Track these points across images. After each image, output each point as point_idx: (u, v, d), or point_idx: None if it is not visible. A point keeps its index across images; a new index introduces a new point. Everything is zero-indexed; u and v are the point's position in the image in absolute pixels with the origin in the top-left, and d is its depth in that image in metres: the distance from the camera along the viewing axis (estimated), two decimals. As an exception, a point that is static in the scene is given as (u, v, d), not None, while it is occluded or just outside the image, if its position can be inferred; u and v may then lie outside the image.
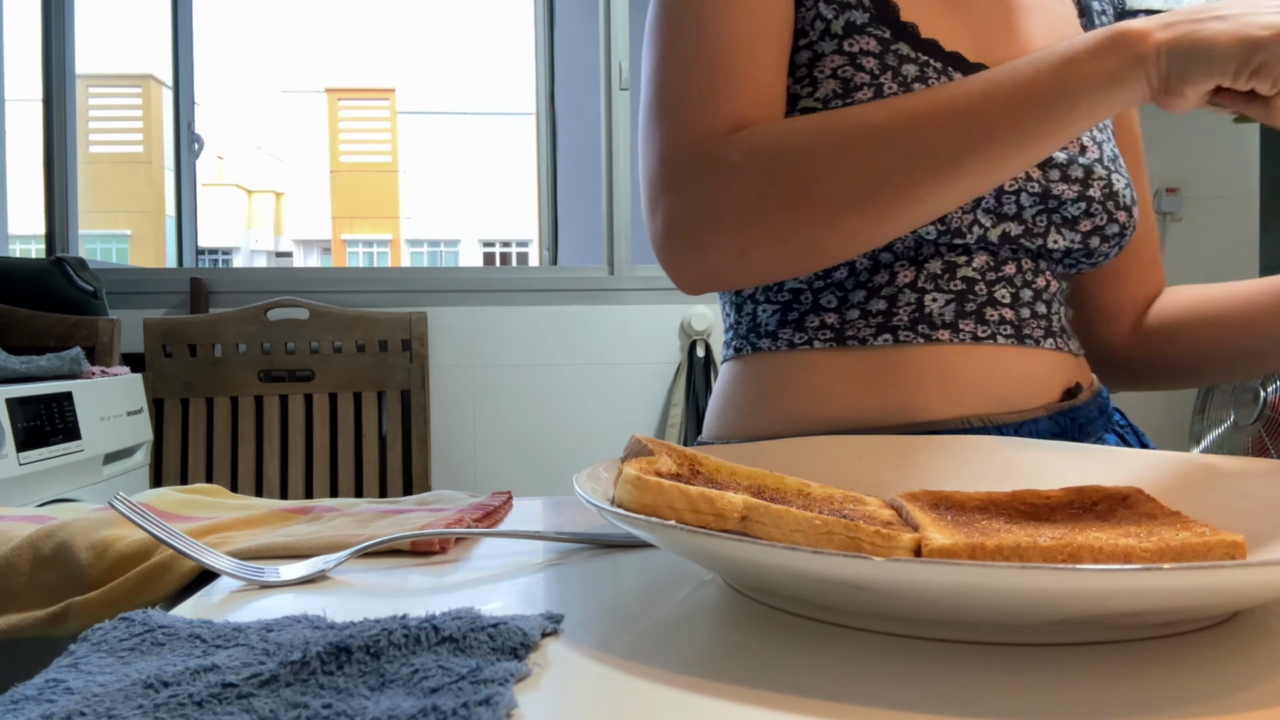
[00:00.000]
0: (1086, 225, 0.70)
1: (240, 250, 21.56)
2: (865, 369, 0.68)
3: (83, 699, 0.28)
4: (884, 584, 0.31)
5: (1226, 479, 0.48)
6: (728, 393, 0.76)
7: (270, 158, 24.22)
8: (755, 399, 0.73)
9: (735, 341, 0.76)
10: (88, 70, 14.64)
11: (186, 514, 0.60)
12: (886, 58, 0.67)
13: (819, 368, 0.70)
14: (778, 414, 0.71)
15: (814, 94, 0.68)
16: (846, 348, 0.69)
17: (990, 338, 0.68)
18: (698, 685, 0.31)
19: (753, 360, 0.74)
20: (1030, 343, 0.69)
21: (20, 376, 1.66)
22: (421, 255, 22.63)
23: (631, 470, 0.39)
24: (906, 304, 0.68)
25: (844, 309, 0.69)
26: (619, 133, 2.54)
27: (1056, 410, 0.69)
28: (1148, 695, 0.30)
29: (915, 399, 0.67)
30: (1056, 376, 0.71)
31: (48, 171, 2.43)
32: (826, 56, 0.68)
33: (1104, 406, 0.75)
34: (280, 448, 2.31)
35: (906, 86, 0.66)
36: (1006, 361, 0.68)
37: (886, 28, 0.68)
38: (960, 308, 0.68)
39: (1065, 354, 0.72)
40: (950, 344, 0.68)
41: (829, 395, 0.69)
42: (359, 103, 21.88)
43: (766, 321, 0.73)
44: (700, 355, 2.48)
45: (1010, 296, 0.69)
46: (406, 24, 35.36)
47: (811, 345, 0.70)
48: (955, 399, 0.67)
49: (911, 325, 0.68)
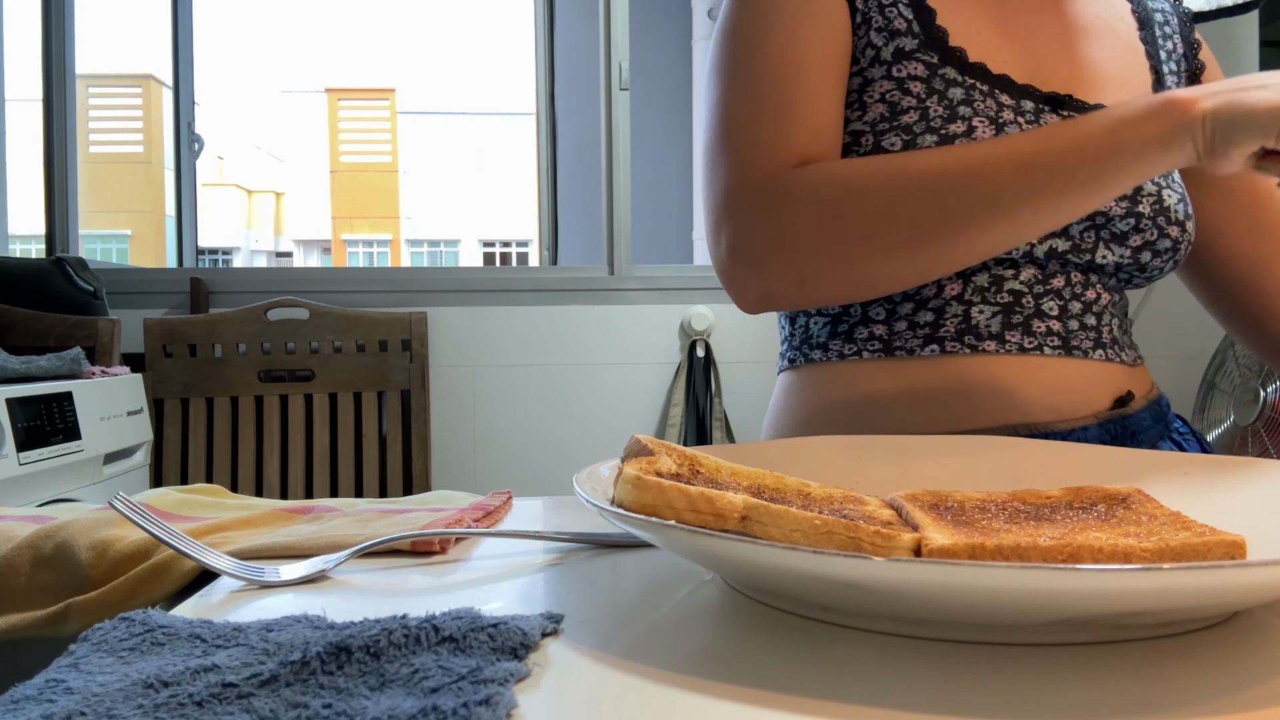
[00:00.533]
0: (1136, 241, 0.71)
1: (240, 250, 21.57)
2: (912, 379, 0.70)
3: (83, 699, 0.28)
4: (884, 584, 0.31)
5: (1226, 479, 0.48)
6: (782, 404, 0.78)
7: (270, 158, 24.22)
8: (807, 409, 0.75)
9: (789, 353, 0.78)
10: (88, 70, 14.64)
11: (186, 514, 0.60)
12: (933, 81, 0.68)
13: (867, 378, 0.72)
14: (827, 423, 0.73)
15: (863, 118, 0.70)
16: (894, 358, 0.71)
17: (1037, 349, 0.69)
18: (698, 685, 0.31)
19: (805, 371, 0.76)
20: (1079, 354, 0.70)
21: (20, 376, 1.66)
22: (421, 255, 22.64)
23: (631, 470, 0.39)
24: (953, 315, 0.70)
25: (892, 320, 0.71)
26: (619, 133, 2.54)
27: (1106, 418, 0.70)
28: (1148, 695, 0.30)
29: (960, 409, 0.69)
30: (1106, 386, 0.71)
31: (48, 171, 2.43)
32: (876, 82, 0.70)
33: (1161, 414, 0.75)
34: (280, 448, 2.31)
35: (952, 109, 0.68)
36: (1053, 371, 0.70)
37: (934, 53, 0.69)
38: (1007, 319, 0.69)
39: (1117, 364, 0.72)
40: (996, 355, 0.69)
41: (876, 405, 0.71)
42: (359, 103, 21.88)
43: (817, 333, 0.75)
44: (700, 355, 2.48)
45: (1058, 309, 0.70)
46: (406, 24, 35.35)
47: (860, 356, 0.72)
48: (1001, 407, 0.68)
49: (958, 336, 0.69)
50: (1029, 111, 0.70)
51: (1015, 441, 0.57)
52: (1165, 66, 0.79)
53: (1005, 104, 0.69)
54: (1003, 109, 0.69)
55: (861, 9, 0.71)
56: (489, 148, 22.96)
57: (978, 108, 0.68)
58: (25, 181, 2.54)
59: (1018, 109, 0.69)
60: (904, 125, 0.68)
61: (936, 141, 0.67)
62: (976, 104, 0.68)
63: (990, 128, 0.68)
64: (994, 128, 0.68)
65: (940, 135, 0.67)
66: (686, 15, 4.43)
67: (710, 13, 4.26)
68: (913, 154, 0.63)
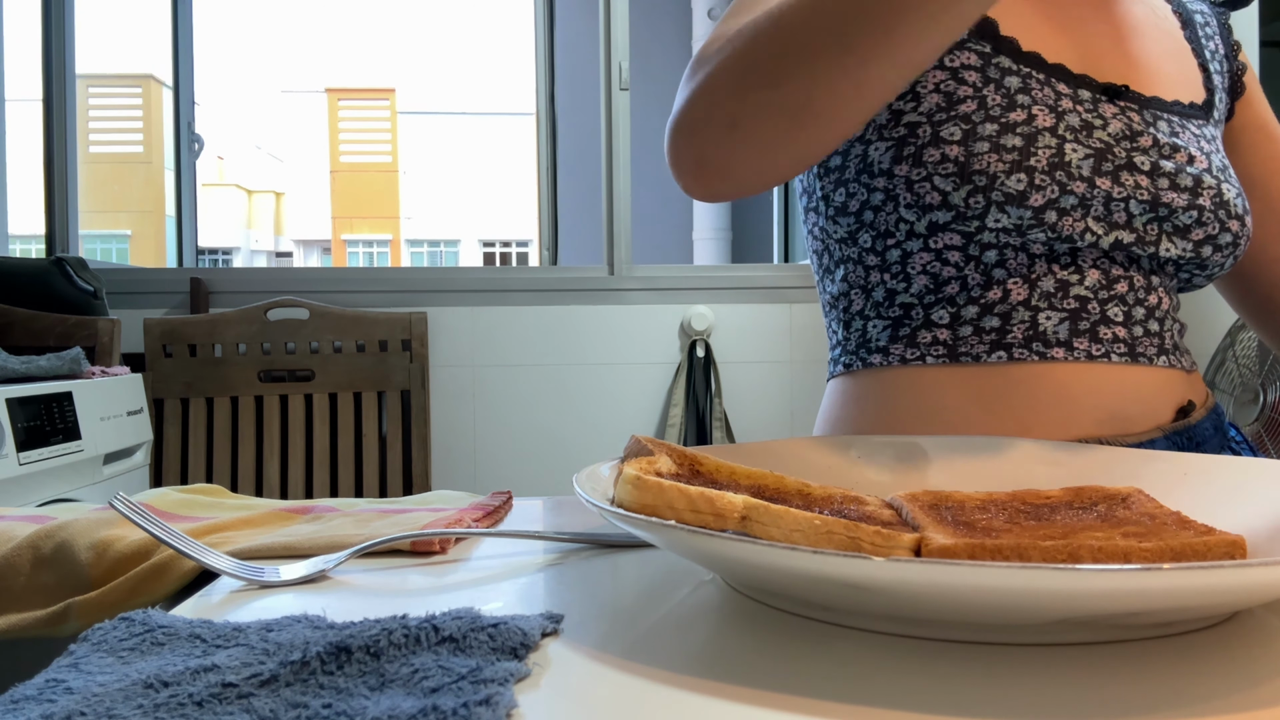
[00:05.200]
0: (1199, 234, 0.69)
1: (240, 250, 21.56)
2: (979, 386, 0.68)
3: (83, 699, 0.28)
4: (884, 584, 0.31)
5: (1226, 479, 0.48)
6: (838, 412, 0.76)
7: (270, 158, 24.21)
8: (865, 416, 0.73)
9: (844, 358, 0.76)
10: (88, 70, 14.63)
11: (186, 514, 0.60)
12: (988, 70, 0.67)
13: (931, 384, 0.70)
14: (888, 430, 0.71)
15: (917, 109, 0.68)
16: (960, 364, 0.69)
17: (1104, 356, 0.68)
18: (698, 685, 0.31)
19: (862, 376, 0.74)
20: (1144, 360, 0.69)
21: (20, 376, 1.66)
22: (421, 255, 22.63)
23: (631, 470, 0.39)
24: (1020, 321, 0.68)
25: (956, 325, 0.70)
26: (619, 133, 2.54)
27: (1172, 430, 0.69)
28: (1148, 695, 0.30)
29: (1029, 417, 0.67)
30: (1170, 394, 0.71)
31: (48, 171, 2.43)
32: (929, 72, 0.68)
33: (1219, 424, 0.74)
34: (280, 448, 2.30)
35: (1010, 98, 0.66)
36: (1120, 379, 0.68)
37: (987, 42, 0.68)
38: (1074, 326, 0.68)
39: (1178, 370, 0.72)
40: (1065, 362, 0.68)
41: (941, 412, 0.69)
42: (359, 103, 21.87)
43: (877, 337, 0.73)
44: (700, 355, 2.48)
45: (1123, 315, 0.69)
46: (406, 24, 35.36)
47: (924, 361, 0.70)
48: (1070, 417, 0.67)
49: (1026, 343, 0.68)
50: (1086, 100, 0.68)
51: (1017, 441, 0.57)
52: (1211, 65, 0.79)
53: (1063, 93, 0.68)
54: (1061, 97, 0.68)
55: None
56: (489, 148, 22.95)
57: (1036, 95, 0.67)
58: (25, 181, 2.53)
59: (1075, 98, 0.68)
60: (962, 115, 0.66)
61: (997, 131, 0.65)
62: (1034, 92, 0.67)
63: (1051, 116, 0.66)
64: (1054, 116, 0.67)
65: (1000, 124, 0.66)
66: (686, 15, 4.43)
67: (710, 13, 4.26)
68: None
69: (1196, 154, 0.70)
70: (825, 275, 0.79)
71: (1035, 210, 0.65)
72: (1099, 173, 0.66)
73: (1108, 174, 0.66)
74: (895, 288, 0.72)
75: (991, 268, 0.68)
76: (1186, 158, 0.69)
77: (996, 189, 0.65)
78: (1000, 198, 0.65)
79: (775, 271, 2.60)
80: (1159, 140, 0.68)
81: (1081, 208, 0.66)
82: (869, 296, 0.74)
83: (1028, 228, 0.66)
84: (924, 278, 0.70)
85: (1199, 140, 0.72)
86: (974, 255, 0.68)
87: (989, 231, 0.66)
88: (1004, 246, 0.67)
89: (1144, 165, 0.67)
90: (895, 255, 0.71)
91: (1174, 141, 0.69)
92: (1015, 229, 0.66)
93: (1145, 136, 0.68)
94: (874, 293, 0.73)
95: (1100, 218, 0.67)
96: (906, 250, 0.70)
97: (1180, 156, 0.69)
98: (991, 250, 0.68)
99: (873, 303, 0.73)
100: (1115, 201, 0.67)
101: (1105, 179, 0.66)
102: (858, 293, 0.75)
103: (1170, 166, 0.68)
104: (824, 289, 0.80)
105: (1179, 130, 0.71)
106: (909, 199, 0.68)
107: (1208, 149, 0.72)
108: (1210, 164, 0.71)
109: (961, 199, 0.66)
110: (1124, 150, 0.67)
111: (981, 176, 0.65)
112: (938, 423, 0.69)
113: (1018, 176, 0.65)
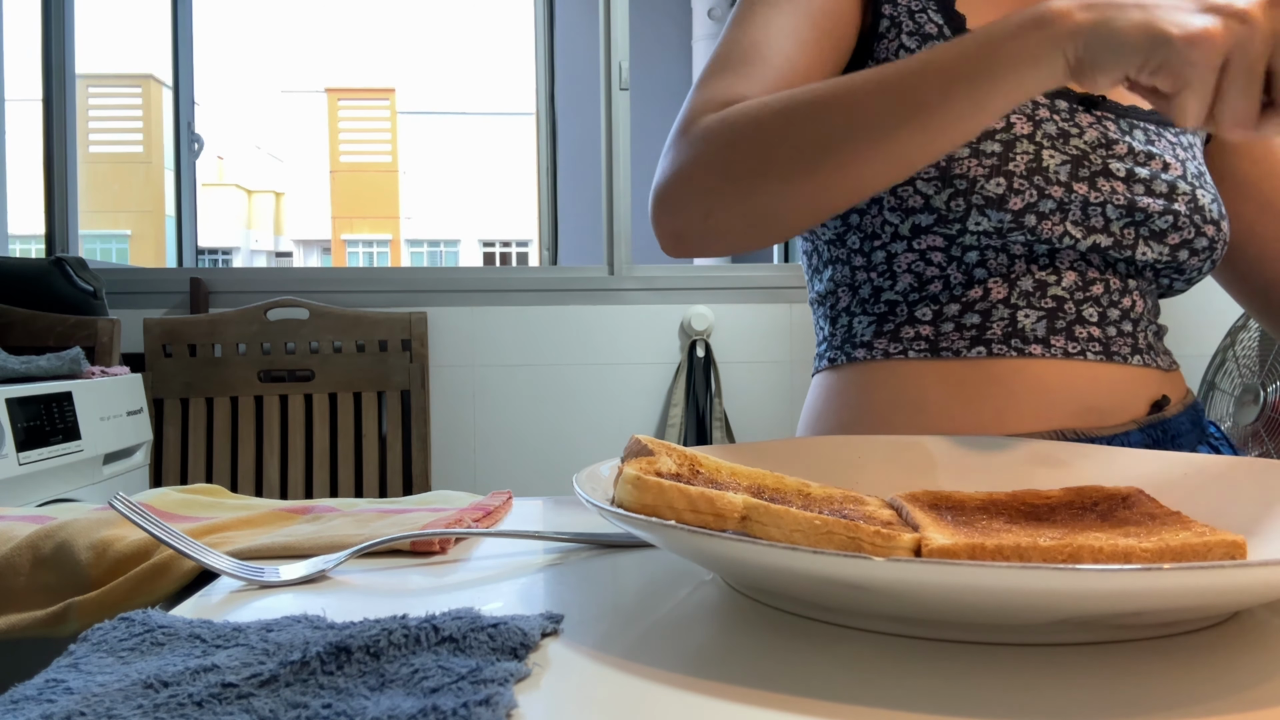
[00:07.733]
0: (1175, 239, 0.71)
1: (240, 250, 21.55)
2: (959, 380, 0.71)
3: (83, 699, 0.28)
4: (884, 584, 0.31)
5: (1226, 479, 0.48)
6: (821, 405, 0.78)
7: (270, 158, 24.21)
8: (849, 408, 0.75)
9: (829, 353, 0.78)
10: (88, 70, 14.63)
11: (186, 514, 0.60)
12: None
13: (913, 377, 0.72)
14: (870, 422, 0.73)
15: None
16: (941, 358, 0.71)
17: (1080, 353, 0.70)
18: (698, 685, 0.31)
19: (847, 370, 0.76)
20: (1119, 359, 0.71)
21: (20, 376, 1.66)
22: (421, 255, 22.62)
23: (631, 470, 0.39)
24: (1000, 319, 0.70)
25: (939, 321, 0.72)
26: (619, 133, 2.54)
27: (1147, 423, 0.71)
28: (1148, 695, 0.30)
29: (1007, 410, 0.69)
30: (1144, 389, 0.72)
31: (48, 171, 2.43)
32: None
33: (1198, 419, 0.76)
34: (280, 448, 2.30)
35: None
36: (1095, 375, 0.70)
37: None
38: (1051, 324, 0.70)
39: (1153, 369, 0.73)
40: (1042, 358, 0.70)
41: (922, 404, 0.71)
42: (359, 103, 21.87)
43: (862, 332, 0.75)
44: (700, 355, 2.48)
45: (1098, 315, 0.71)
46: (406, 24, 35.37)
47: (906, 355, 0.72)
48: (1046, 410, 0.69)
49: (1005, 339, 0.70)
50: (1063, 110, 0.70)
51: (1017, 441, 0.57)
52: None
53: (1040, 102, 0.70)
54: (1039, 106, 0.69)
55: (890, 14, 0.72)
56: (489, 148, 22.94)
57: None
58: (25, 181, 2.53)
59: (1053, 107, 0.70)
60: None
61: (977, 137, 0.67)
62: None
63: (1029, 124, 0.68)
64: (1032, 124, 0.68)
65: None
66: (686, 15, 4.43)
67: (710, 13, 4.26)
68: (805, 86, 0.63)
69: (1172, 161, 0.72)
70: (814, 274, 0.81)
71: (1014, 213, 0.67)
72: (1076, 178, 0.68)
73: (1084, 179, 0.68)
74: (881, 285, 0.74)
75: (973, 268, 0.70)
76: (1162, 164, 0.71)
77: (976, 192, 0.67)
78: (980, 201, 0.67)
79: (775, 271, 2.60)
80: (1134, 148, 0.70)
81: (1060, 212, 0.68)
82: (855, 294, 0.76)
83: (1007, 230, 0.68)
84: (908, 276, 0.72)
85: (1174, 148, 0.74)
86: (956, 256, 0.70)
87: (970, 234, 0.68)
88: (985, 248, 0.69)
89: (1119, 171, 0.69)
90: (881, 256, 0.73)
91: (1149, 149, 0.71)
92: (995, 231, 0.68)
93: (1121, 144, 0.70)
94: (860, 290, 0.75)
95: (1078, 222, 0.69)
96: (891, 251, 0.72)
97: (1155, 163, 0.71)
98: (973, 251, 0.70)
99: (859, 300, 0.76)
100: (1092, 206, 0.68)
101: (1082, 184, 0.68)
102: (845, 290, 0.77)
103: (1145, 173, 0.70)
104: (813, 287, 0.82)
105: (1154, 138, 0.73)
106: (893, 202, 0.70)
107: (1183, 156, 0.74)
108: (1185, 170, 0.72)
109: (943, 202, 0.68)
110: (1099, 157, 0.69)
111: (962, 180, 0.67)
112: (919, 415, 0.71)
113: (997, 181, 0.67)
